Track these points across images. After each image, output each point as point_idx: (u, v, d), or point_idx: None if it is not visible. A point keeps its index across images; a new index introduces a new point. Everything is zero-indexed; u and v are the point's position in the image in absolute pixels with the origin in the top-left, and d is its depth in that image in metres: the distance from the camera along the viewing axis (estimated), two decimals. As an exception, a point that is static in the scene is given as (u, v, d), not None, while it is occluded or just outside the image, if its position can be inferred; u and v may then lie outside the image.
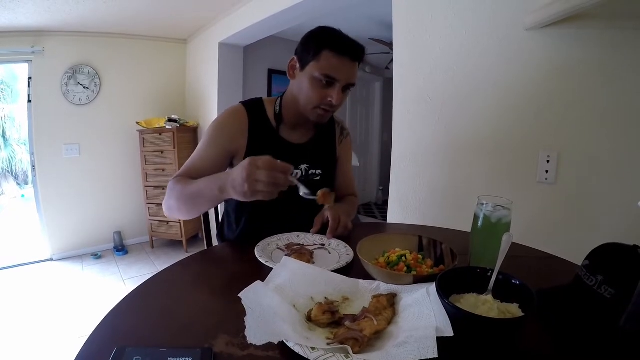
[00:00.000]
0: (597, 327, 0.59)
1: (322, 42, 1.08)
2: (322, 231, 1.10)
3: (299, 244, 1.02)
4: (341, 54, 1.06)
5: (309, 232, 1.11)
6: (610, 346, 0.57)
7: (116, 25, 3.53)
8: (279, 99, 1.24)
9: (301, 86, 1.13)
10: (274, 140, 1.21)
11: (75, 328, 2.51)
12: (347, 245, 1.00)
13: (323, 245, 1.03)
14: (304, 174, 1.26)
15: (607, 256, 0.65)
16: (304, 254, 0.91)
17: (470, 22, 1.58)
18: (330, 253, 0.99)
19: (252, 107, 1.23)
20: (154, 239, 4.18)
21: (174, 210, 1.08)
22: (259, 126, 1.20)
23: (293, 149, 1.24)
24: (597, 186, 1.28)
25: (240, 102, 1.25)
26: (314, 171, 1.29)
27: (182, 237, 3.95)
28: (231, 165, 1.23)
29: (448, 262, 0.82)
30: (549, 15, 1.25)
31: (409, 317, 0.61)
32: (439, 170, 1.79)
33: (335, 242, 1.04)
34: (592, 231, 1.28)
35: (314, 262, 0.90)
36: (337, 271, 0.80)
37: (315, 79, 1.08)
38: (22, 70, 3.64)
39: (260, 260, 0.87)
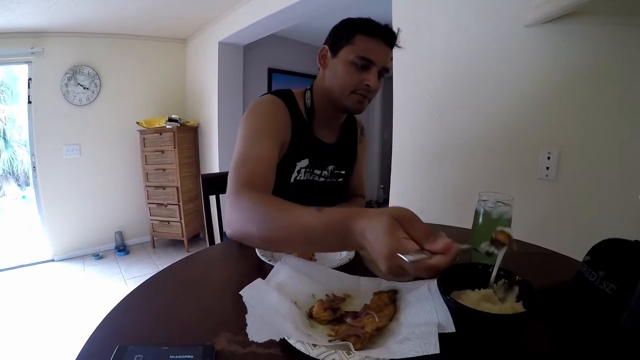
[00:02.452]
0: (599, 323, 0.59)
1: (354, 27, 1.07)
2: None
3: None
4: (375, 36, 1.05)
5: None
6: (612, 342, 0.56)
7: (115, 25, 3.53)
8: (308, 92, 1.18)
9: (335, 73, 1.09)
10: (309, 138, 1.16)
11: (76, 328, 2.51)
12: None
13: None
14: (330, 174, 1.24)
15: (608, 252, 0.64)
16: (305, 252, 0.91)
17: (470, 19, 1.58)
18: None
19: (288, 100, 1.13)
20: (155, 238, 4.19)
21: (252, 233, 0.79)
22: (296, 122, 1.13)
23: (325, 149, 1.20)
24: (598, 182, 1.28)
25: (270, 93, 1.14)
26: (338, 171, 1.27)
27: (183, 236, 3.95)
28: None
29: (449, 258, 0.82)
30: (549, 11, 1.25)
31: (410, 314, 0.60)
32: (439, 168, 1.79)
33: None
34: (593, 227, 1.28)
35: (315, 260, 0.90)
36: (338, 268, 0.80)
37: (351, 63, 1.06)
38: (22, 72, 3.64)
39: (263, 259, 0.87)
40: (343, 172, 1.28)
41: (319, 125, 1.18)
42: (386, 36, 1.07)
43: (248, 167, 0.92)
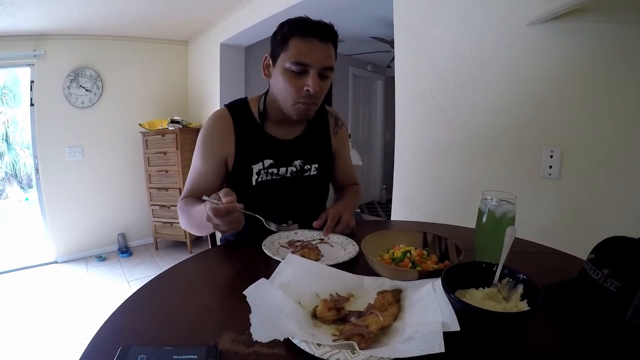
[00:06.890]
0: (603, 321, 0.59)
1: (288, 31, 1.05)
2: (323, 227, 1.08)
3: (299, 241, 1.01)
4: (308, 36, 1.03)
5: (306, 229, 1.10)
6: (616, 340, 0.56)
7: (117, 27, 3.54)
8: (264, 97, 1.21)
9: (277, 83, 1.09)
10: (260, 138, 1.18)
11: (79, 330, 2.52)
12: (347, 237, 1.01)
13: (322, 239, 1.03)
14: (298, 169, 1.22)
15: (612, 249, 0.64)
16: (311, 249, 0.91)
17: (472, 17, 1.58)
18: (332, 246, 0.99)
19: (236, 109, 1.20)
20: (158, 240, 4.19)
21: (190, 230, 1.18)
22: (244, 127, 1.17)
23: (283, 145, 1.20)
24: (601, 180, 1.28)
25: (224, 105, 1.23)
26: (309, 166, 1.25)
27: (186, 238, 3.95)
28: (227, 169, 1.20)
29: (453, 257, 0.82)
30: (550, 9, 1.25)
31: (415, 313, 0.60)
32: (442, 167, 1.79)
33: (334, 236, 1.04)
34: (596, 225, 1.28)
35: (323, 256, 0.90)
36: (341, 267, 0.79)
37: (287, 70, 1.05)
38: (24, 74, 3.65)
39: (267, 253, 0.88)
40: (315, 165, 1.26)
41: (275, 125, 1.21)
42: (320, 33, 1.04)
43: (190, 181, 1.21)
